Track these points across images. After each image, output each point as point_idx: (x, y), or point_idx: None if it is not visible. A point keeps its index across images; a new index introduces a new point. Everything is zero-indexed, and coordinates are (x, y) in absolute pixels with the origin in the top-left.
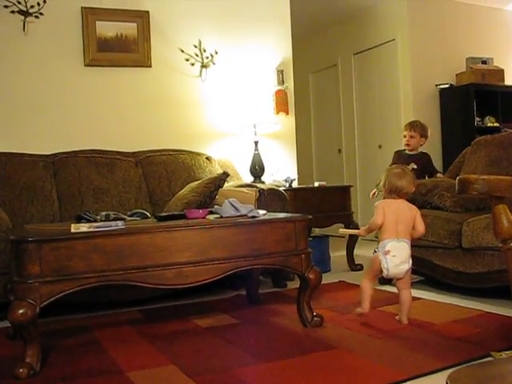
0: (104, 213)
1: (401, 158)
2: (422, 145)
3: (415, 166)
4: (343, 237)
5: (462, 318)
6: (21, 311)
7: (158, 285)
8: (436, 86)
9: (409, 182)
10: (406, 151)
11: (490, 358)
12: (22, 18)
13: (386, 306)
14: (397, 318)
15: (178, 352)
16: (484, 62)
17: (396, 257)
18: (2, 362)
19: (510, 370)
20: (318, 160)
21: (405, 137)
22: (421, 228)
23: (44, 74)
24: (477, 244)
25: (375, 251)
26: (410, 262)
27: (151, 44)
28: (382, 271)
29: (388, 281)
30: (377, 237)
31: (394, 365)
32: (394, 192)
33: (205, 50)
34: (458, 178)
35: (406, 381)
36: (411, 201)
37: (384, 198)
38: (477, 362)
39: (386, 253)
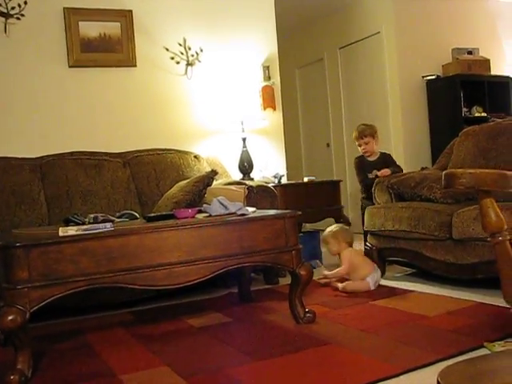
0: (92, 215)
1: (364, 166)
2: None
3: (378, 173)
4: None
5: (455, 310)
6: (10, 317)
7: (148, 286)
8: (422, 77)
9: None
10: (367, 158)
11: (483, 349)
12: (3, 19)
13: (378, 300)
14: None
15: (171, 353)
16: (470, 53)
17: None
18: None
19: (502, 366)
20: (307, 155)
21: (360, 146)
22: None
23: (28, 76)
24: (467, 235)
25: None
26: None
27: (135, 43)
28: None
29: None
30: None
31: (387, 359)
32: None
33: (190, 48)
34: (444, 173)
35: (400, 374)
36: (400, 194)
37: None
38: (470, 354)
39: None
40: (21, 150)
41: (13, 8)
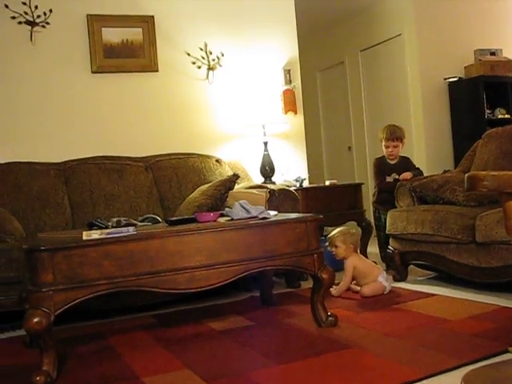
0: (115, 219)
1: (384, 168)
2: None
3: (397, 177)
4: None
5: (478, 314)
6: (36, 320)
7: (170, 289)
8: (444, 79)
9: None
10: (388, 160)
11: (507, 354)
12: (29, 28)
13: (401, 304)
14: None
15: (193, 356)
16: (493, 54)
17: None
18: (19, 370)
19: None
20: (328, 158)
21: (387, 147)
22: None
23: (52, 82)
24: (491, 238)
25: None
26: None
27: (157, 48)
28: None
29: None
30: None
31: (410, 363)
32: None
33: (211, 53)
34: (466, 175)
35: (422, 379)
36: (422, 197)
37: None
38: (493, 359)
39: None
40: (45, 155)
41: (38, 16)
